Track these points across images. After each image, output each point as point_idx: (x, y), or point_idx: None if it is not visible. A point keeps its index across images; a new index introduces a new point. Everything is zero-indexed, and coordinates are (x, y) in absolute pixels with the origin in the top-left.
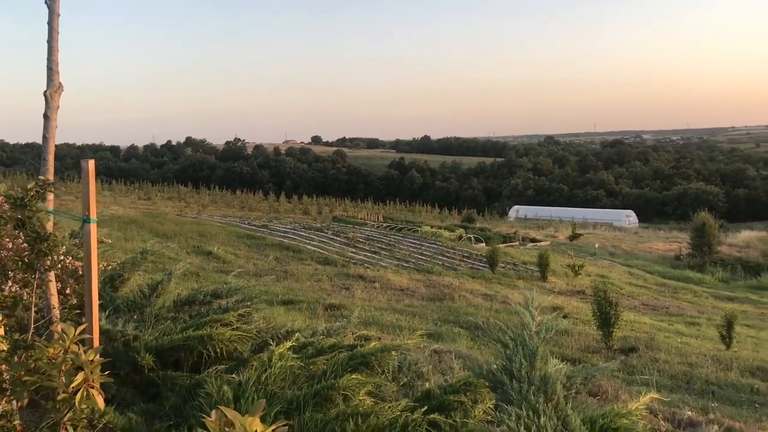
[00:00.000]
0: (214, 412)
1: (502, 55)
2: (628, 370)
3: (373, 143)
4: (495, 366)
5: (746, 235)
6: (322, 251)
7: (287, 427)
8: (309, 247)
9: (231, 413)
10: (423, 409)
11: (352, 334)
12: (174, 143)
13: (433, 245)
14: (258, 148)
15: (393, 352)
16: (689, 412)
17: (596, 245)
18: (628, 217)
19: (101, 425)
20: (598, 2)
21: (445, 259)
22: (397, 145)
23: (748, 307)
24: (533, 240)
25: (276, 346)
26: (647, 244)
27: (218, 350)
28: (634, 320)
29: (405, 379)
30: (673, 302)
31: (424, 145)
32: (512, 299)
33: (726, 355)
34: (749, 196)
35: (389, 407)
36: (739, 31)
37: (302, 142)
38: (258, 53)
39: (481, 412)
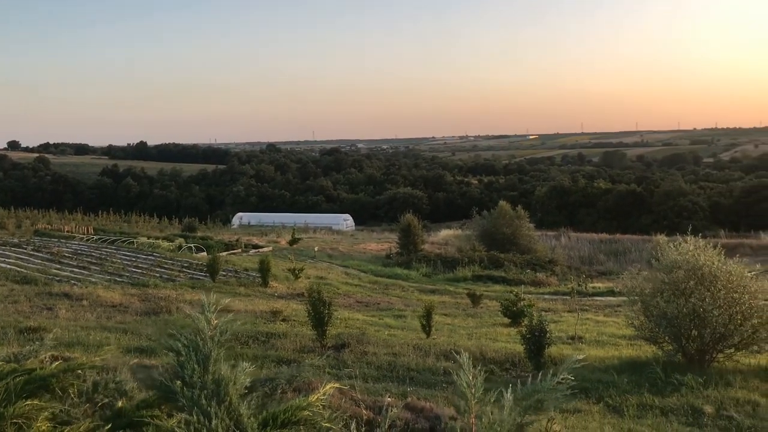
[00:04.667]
0: None
1: (224, 62)
2: (339, 365)
3: (82, 149)
4: (167, 375)
5: (445, 233)
6: (19, 269)
7: None
8: (3, 265)
9: None
10: (107, 428)
11: (51, 357)
12: None
13: (150, 257)
14: None
15: (80, 371)
16: (389, 399)
17: (316, 248)
18: (345, 221)
19: None
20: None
21: (163, 270)
22: (111, 151)
23: (447, 298)
24: (256, 246)
25: None
26: (362, 245)
27: None
28: (348, 317)
29: (105, 400)
30: (384, 298)
31: (141, 151)
32: (233, 307)
33: (426, 342)
34: (447, 198)
35: (69, 430)
36: (426, 58)
37: None
38: None
39: (176, 422)
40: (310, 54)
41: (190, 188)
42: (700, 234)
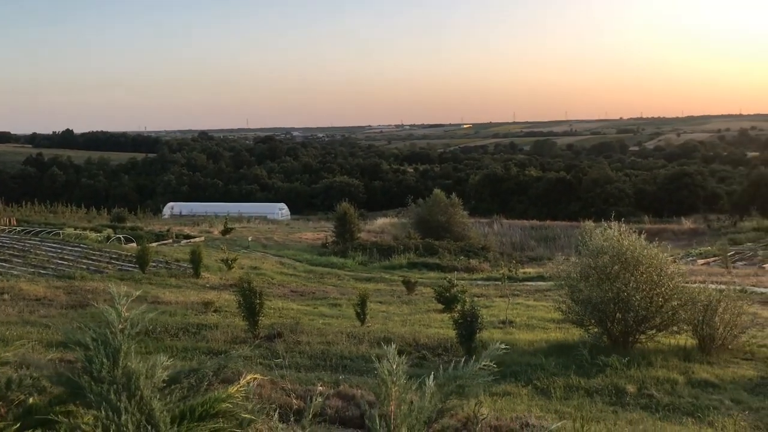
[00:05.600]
0: None
1: (153, 47)
2: (271, 355)
3: (3, 137)
4: (75, 370)
5: (381, 221)
6: None
7: None
8: None
9: None
10: (15, 427)
11: None
12: None
13: (77, 248)
14: None
15: None
16: (321, 387)
17: (250, 238)
18: (281, 210)
19: None
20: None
21: (90, 262)
22: (35, 140)
23: (382, 286)
24: (188, 237)
25: None
26: (298, 234)
27: None
28: (283, 307)
29: (22, 397)
30: (319, 287)
31: (67, 139)
32: (163, 298)
33: (360, 330)
34: (383, 187)
35: None
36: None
37: None
38: None
39: (92, 418)
40: (242, 41)
41: (120, 177)
42: (624, 219)
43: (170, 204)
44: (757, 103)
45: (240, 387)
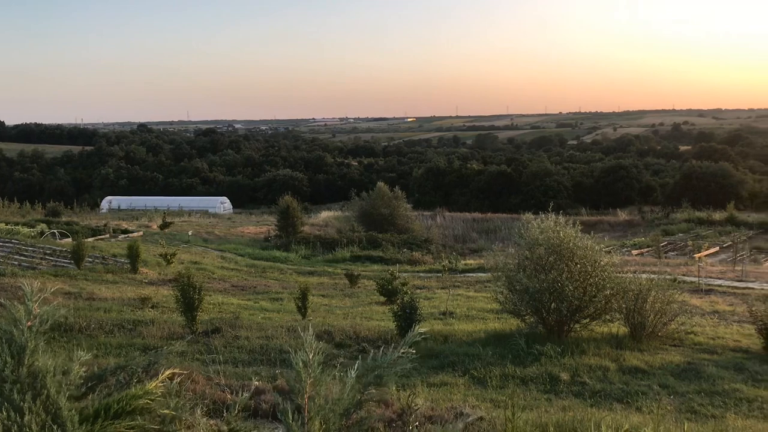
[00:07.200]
0: None
1: (90, 37)
2: (209, 351)
3: None
4: None
5: (325, 215)
6: None
7: None
8: None
9: None
10: None
11: None
12: None
13: (8, 244)
14: None
15: None
16: (257, 382)
17: (190, 232)
18: (222, 204)
19: None
20: None
21: (23, 258)
22: None
23: (325, 279)
24: (125, 231)
25: None
26: (240, 228)
27: None
28: (223, 302)
29: None
30: (261, 281)
31: None
32: (99, 295)
33: (301, 324)
34: (327, 180)
35: None
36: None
37: None
38: None
39: None
40: (183, 31)
41: (55, 171)
42: (562, 212)
43: (108, 198)
44: (689, 99)
45: (159, 383)
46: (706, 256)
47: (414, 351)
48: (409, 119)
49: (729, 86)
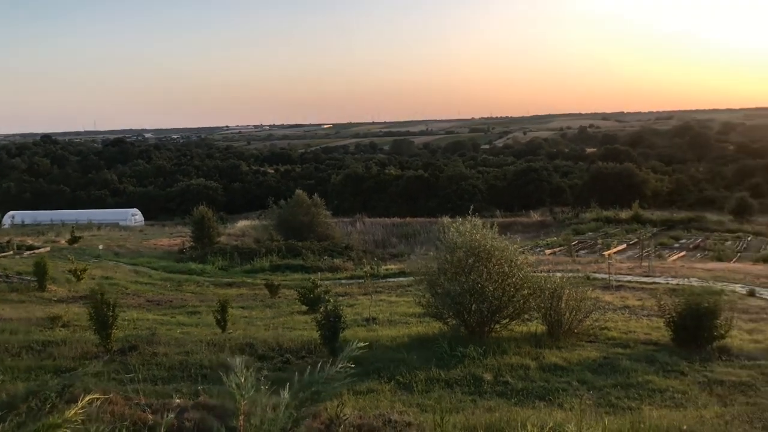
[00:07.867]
0: None
1: None
2: (126, 370)
3: None
4: None
5: (242, 224)
6: None
7: None
8: None
9: None
10: None
11: None
12: None
13: None
14: None
15: None
16: (178, 399)
17: (101, 247)
18: (133, 216)
19: None
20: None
21: None
22: None
23: (244, 290)
24: (31, 247)
25: None
26: (153, 241)
27: None
28: (138, 318)
29: None
30: (177, 295)
31: None
32: (3, 315)
33: (221, 337)
34: (243, 188)
35: None
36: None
37: None
38: None
39: None
40: (85, 36)
41: None
42: (478, 214)
43: (10, 213)
44: (594, 103)
45: (79, 409)
46: (614, 253)
47: (353, 365)
48: (325, 126)
49: (630, 90)
